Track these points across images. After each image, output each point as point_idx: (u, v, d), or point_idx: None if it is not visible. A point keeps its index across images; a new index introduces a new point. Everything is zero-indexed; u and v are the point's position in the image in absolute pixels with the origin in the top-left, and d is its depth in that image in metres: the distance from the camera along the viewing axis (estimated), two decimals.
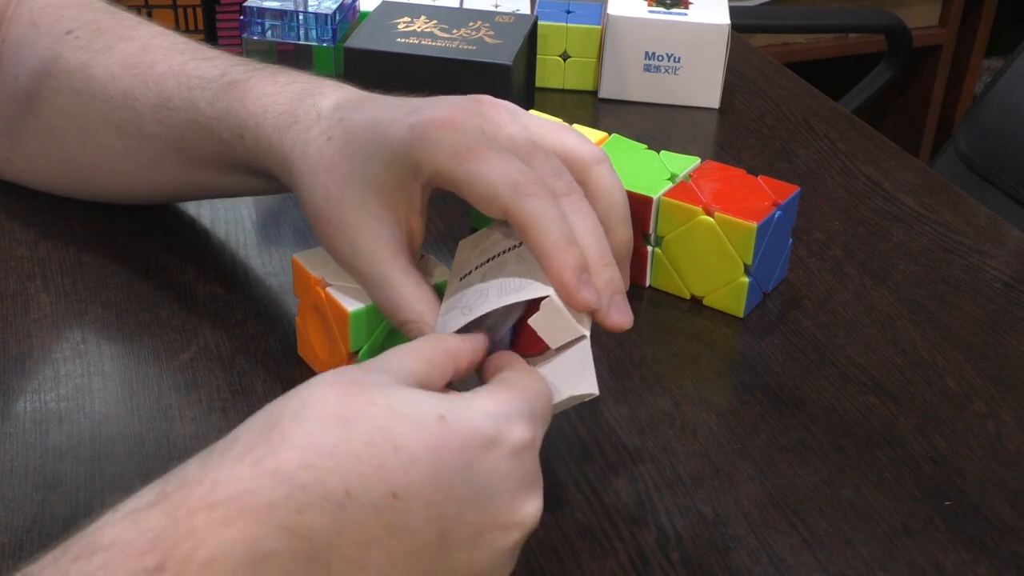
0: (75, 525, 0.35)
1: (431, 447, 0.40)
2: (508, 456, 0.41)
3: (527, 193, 0.48)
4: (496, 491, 0.41)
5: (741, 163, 0.76)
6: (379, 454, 0.39)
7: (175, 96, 0.62)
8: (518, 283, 0.50)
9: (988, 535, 0.53)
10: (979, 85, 2.20)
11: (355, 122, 0.54)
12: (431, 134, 0.50)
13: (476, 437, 0.41)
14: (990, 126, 1.17)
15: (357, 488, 0.38)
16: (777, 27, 1.79)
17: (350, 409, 0.40)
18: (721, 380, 0.62)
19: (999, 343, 0.65)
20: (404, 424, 0.40)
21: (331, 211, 0.53)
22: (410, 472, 0.39)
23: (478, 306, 0.50)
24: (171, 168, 0.65)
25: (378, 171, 0.52)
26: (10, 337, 0.62)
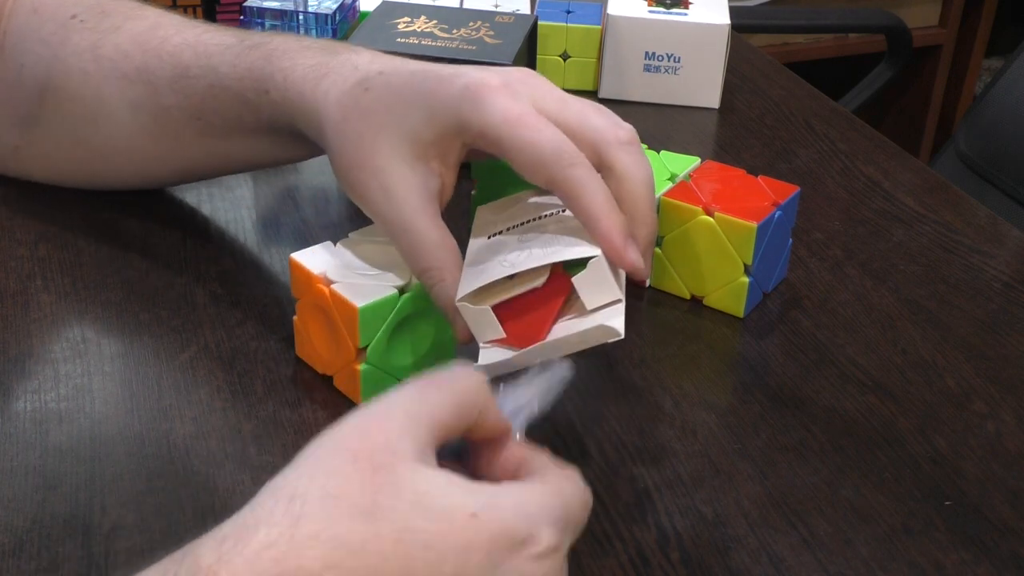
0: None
1: (460, 546, 0.38)
2: (534, 559, 0.40)
3: (573, 162, 0.51)
4: None
5: (741, 163, 0.76)
6: (407, 553, 0.37)
7: (193, 65, 0.62)
8: (564, 241, 0.52)
9: (988, 535, 0.53)
10: (979, 85, 2.20)
11: (399, 75, 0.55)
12: (484, 96, 0.52)
13: (505, 536, 0.39)
14: (990, 126, 1.17)
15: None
16: (777, 27, 1.79)
17: (377, 502, 0.37)
18: (721, 380, 0.62)
19: (999, 343, 0.65)
20: (434, 521, 0.38)
21: (364, 156, 0.54)
22: (437, 570, 0.37)
23: (523, 262, 0.51)
24: (188, 140, 0.65)
25: (420, 122, 0.53)
26: (10, 337, 0.62)
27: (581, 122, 0.53)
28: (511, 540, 0.39)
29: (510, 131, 0.51)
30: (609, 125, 0.53)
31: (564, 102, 0.54)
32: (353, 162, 0.55)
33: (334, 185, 0.79)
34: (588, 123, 0.53)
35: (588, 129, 0.53)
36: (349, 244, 0.59)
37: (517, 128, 0.51)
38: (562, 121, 0.52)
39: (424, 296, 0.57)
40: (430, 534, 0.37)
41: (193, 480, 0.53)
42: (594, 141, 0.52)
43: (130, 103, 0.65)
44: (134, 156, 0.68)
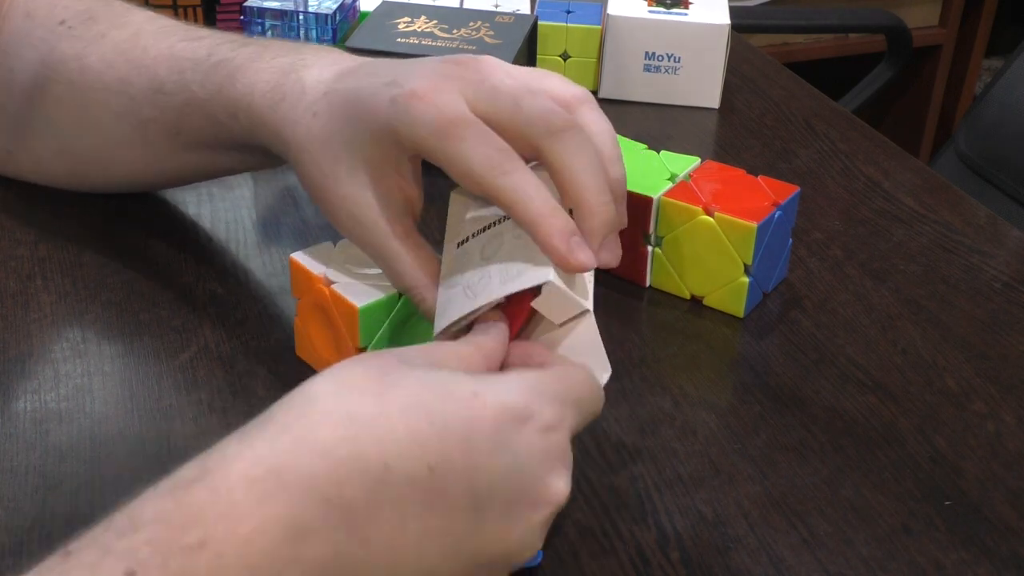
0: (76, 525, 0.36)
1: (464, 419, 0.40)
2: (539, 432, 0.42)
3: (504, 171, 0.48)
4: (526, 466, 0.42)
5: (741, 163, 0.76)
6: (415, 426, 0.39)
7: (168, 80, 0.62)
8: (518, 267, 0.50)
9: (988, 535, 0.53)
10: (979, 85, 2.20)
11: (339, 93, 0.54)
12: (411, 109, 0.50)
13: (508, 411, 0.42)
14: (990, 126, 1.17)
15: (395, 460, 0.39)
16: (777, 27, 1.79)
17: (383, 383, 0.40)
18: (721, 380, 0.62)
19: (999, 343, 0.65)
20: (437, 398, 0.41)
21: (327, 186, 0.54)
22: (445, 444, 0.40)
23: (482, 291, 0.50)
24: (170, 152, 0.65)
25: (364, 145, 0.52)
26: (10, 337, 0.62)
27: (512, 115, 0.50)
28: (513, 414, 0.42)
29: (439, 143, 0.49)
30: (540, 112, 0.49)
31: (495, 93, 0.50)
32: (319, 191, 0.54)
33: None
34: (519, 115, 0.49)
35: (519, 121, 0.49)
36: (349, 244, 0.59)
37: (445, 140, 0.49)
38: (493, 117, 0.50)
39: None
40: (434, 409, 0.40)
41: None
42: (526, 135, 0.49)
43: (113, 113, 0.65)
44: (120, 164, 0.68)
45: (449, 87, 0.50)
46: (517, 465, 0.41)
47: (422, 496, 0.39)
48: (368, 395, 0.40)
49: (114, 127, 0.66)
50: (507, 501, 0.41)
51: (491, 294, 0.49)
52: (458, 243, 0.53)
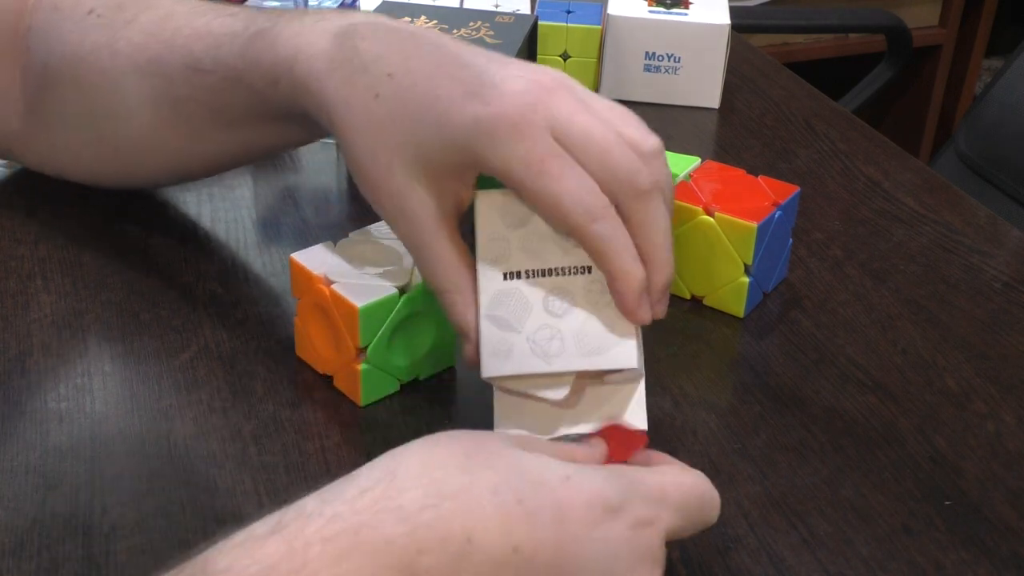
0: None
1: (555, 504, 0.39)
2: (630, 527, 0.41)
3: (597, 217, 0.48)
4: (615, 560, 0.40)
5: (741, 163, 0.76)
6: (503, 503, 0.38)
7: (204, 57, 0.61)
8: (598, 339, 0.50)
9: (988, 535, 0.53)
10: (979, 85, 2.20)
11: (407, 86, 0.51)
12: (499, 136, 0.48)
13: (601, 500, 0.40)
14: (990, 126, 1.17)
15: (479, 535, 0.38)
16: (777, 27, 1.79)
17: (474, 459, 0.39)
18: (721, 380, 0.62)
19: (999, 343, 0.65)
20: (529, 479, 0.39)
21: (378, 175, 0.52)
22: (533, 526, 0.38)
23: (557, 355, 0.50)
24: (207, 132, 0.64)
25: (434, 151, 0.50)
26: (10, 337, 0.62)
27: (600, 167, 0.49)
28: (606, 505, 0.40)
29: (531, 180, 0.48)
30: (629, 170, 0.49)
31: (585, 139, 0.49)
32: (367, 176, 0.53)
33: (334, 185, 0.79)
34: (607, 165, 0.49)
35: (607, 171, 0.49)
36: (349, 244, 0.59)
37: (539, 177, 0.48)
38: (581, 158, 0.49)
39: (424, 296, 0.57)
40: (524, 490, 0.39)
41: (193, 480, 0.53)
42: (612, 187, 0.49)
43: (148, 97, 0.64)
44: (158, 151, 0.67)
45: (538, 117, 0.49)
46: (604, 557, 0.40)
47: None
48: (456, 469, 0.39)
49: (151, 112, 0.65)
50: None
51: (569, 363, 0.50)
52: (504, 273, 0.51)
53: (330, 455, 0.55)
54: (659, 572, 0.42)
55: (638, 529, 0.41)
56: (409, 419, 0.58)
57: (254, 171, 0.79)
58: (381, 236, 0.59)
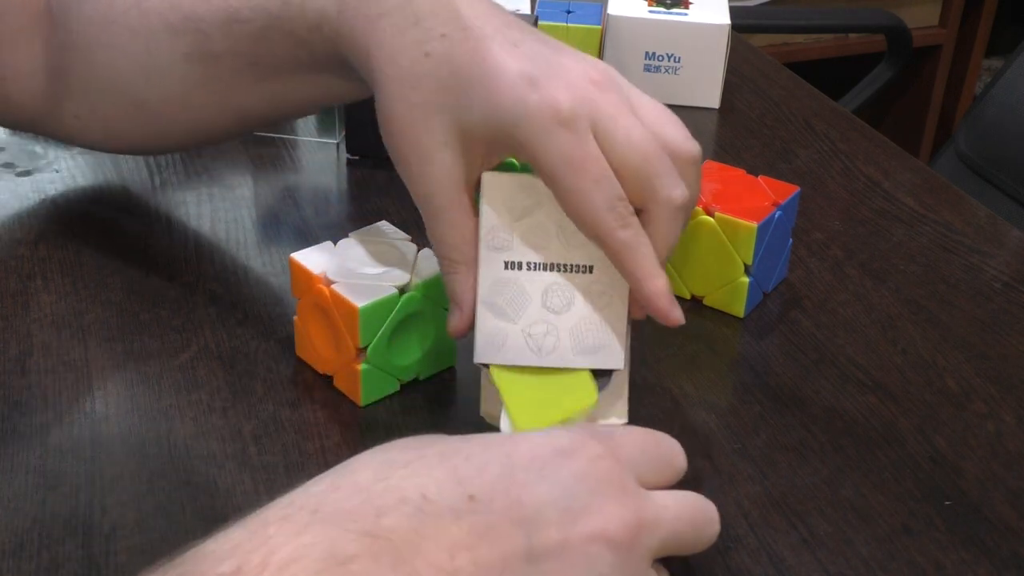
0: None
1: (501, 453, 0.41)
2: (586, 460, 0.41)
3: (624, 223, 0.49)
4: (574, 490, 0.40)
5: (741, 163, 0.76)
6: (451, 463, 0.40)
7: (243, 8, 0.60)
8: (592, 339, 0.52)
9: (988, 535, 0.53)
10: (979, 85, 2.20)
11: (462, 49, 0.51)
12: (544, 127, 0.49)
13: (549, 447, 0.41)
14: (990, 126, 1.17)
15: (433, 491, 0.39)
16: (777, 27, 1.79)
17: (421, 440, 0.42)
18: (721, 380, 0.62)
19: (999, 343, 0.65)
20: (473, 443, 0.41)
21: (411, 131, 0.52)
22: (483, 476, 0.40)
23: (551, 351, 0.52)
24: (242, 86, 0.63)
25: (475, 123, 0.51)
26: (10, 337, 0.62)
27: (639, 172, 0.50)
28: (555, 449, 0.41)
29: (568, 176, 0.49)
30: (667, 180, 0.50)
31: (628, 141, 0.50)
32: (399, 132, 0.52)
33: (334, 185, 0.79)
34: (646, 173, 0.50)
35: (643, 184, 0.50)
36: (349, 244, 0.59)
37: (576, 176, 0.49)
38: (618, 162, 0.49)
39: (424, 296, 0.57)
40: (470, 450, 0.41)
41: (193, 480, 0.53)
42: (645, 194, 0.50)
43: (181, 55, 0.64)
44: (189, 109, 0.66)
45: (585, 112, 0.49)
46: (563, 490, 0.40)
47: (468, 526, 0.38)
48: (405, 450, 0.41)
49: (183, 69, 0.64)
50: (559, 529, 0.39)
51: (562, 359, 0.52)
52: (506, 262, 0.52)
53: (330, 455, 0.55)
54: (625, 498, 0.41)
55: (596, 461, 0.41)
56: (409, 419, 0.58)
57: (254, 171, 0.79)
58: (381, 236, 0.59)
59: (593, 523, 0.40)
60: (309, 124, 0.84)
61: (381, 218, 0.61)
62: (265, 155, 0.81)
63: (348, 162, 0.80)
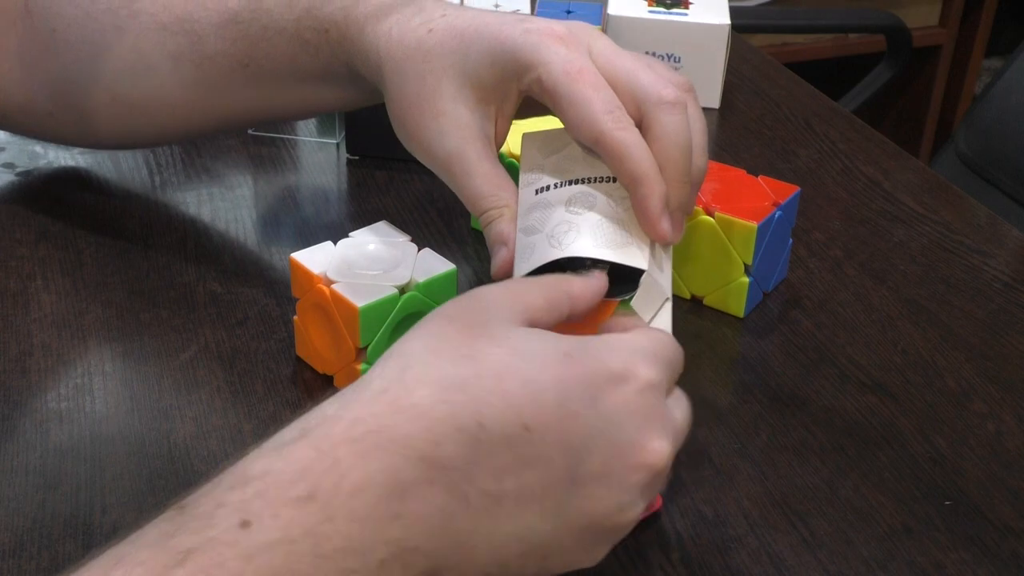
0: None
1: (557, 379, 0.41)
2: (635, 392, 0.43)
3: (623, 126, 0.51)
4: (623, 424, 0.42)
5: (741, 163, 0.76)
6: (508, 388, 0.40)
7: (242, 10, 0.62)
8: (614, 236, 0.51)
9: (988, 535, 0.53)
10: (979, 85, 2.20)
11: (462, 19, 0.55)
12: (546, 44, 0.52)
13: (602, 371, 0.42)
14: (990, 126, 1.17)
15: (489, 420, 0.40)
16: (777, 27, 1.79)
17: (475, 348, 0.41)
18: (721, 380, 0.62)
19: (999, 343, 0.65)
20: (529, 360, 0.41)
21: (425, 98, 0.55)
22: (539, 403, 0.40)
23: (569, 243, 0.50)
24: (234, 88, 0.64)
25: (481, 66, 0.54)
26: (10, 337, 0.62)
27: (629, 78, 0.52)
28: (608, 374, 0.42)
29: (568, 83, 0.51)
30: (655, 83, 0.52)
31: (617, 56, 0.53)
32: (413, 103, 0.55)
33: (334, 185, 0.79)
34: (635, 80, 0.52)
35: (635, 86, 0.52)
36: (349, 244, 0.59)
37: (575, 82, 0.51)
38: (611, 76, 0.52)
39: (424, 296, 0.57)
40: (527, 371, 0.41)
41: (193, 480, 0.53)
42: (638, 99, 0.52)
43: (171, 54, 0.64)
44: (176, 109, 0.67)
45: (580, 38, 0.53)
46: (611, 422, 0.42)
47: (518, 454, 0.40)
48: (461, 358, 0.41)
49: (172, 69, 0.65)
50: (604, 459, 0.42)
51: (582, 250, 0.50)
52: (536, 189, 0.54)
53: None
54: (669, 434, 0.43)
55: (643, 394, 0.43)
56: None
57: (254, 171, 0.79)
58: (381, 236, 0.59)
59: (636, 456, 0.42)
60: (309, 124, 0.84)
61: (381, 218, 0.61)
62: (265, 155, 0.81)
63: (348, 162, 0.80)
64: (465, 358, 0.41)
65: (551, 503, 0.41)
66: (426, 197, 0.75)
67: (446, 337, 0.42)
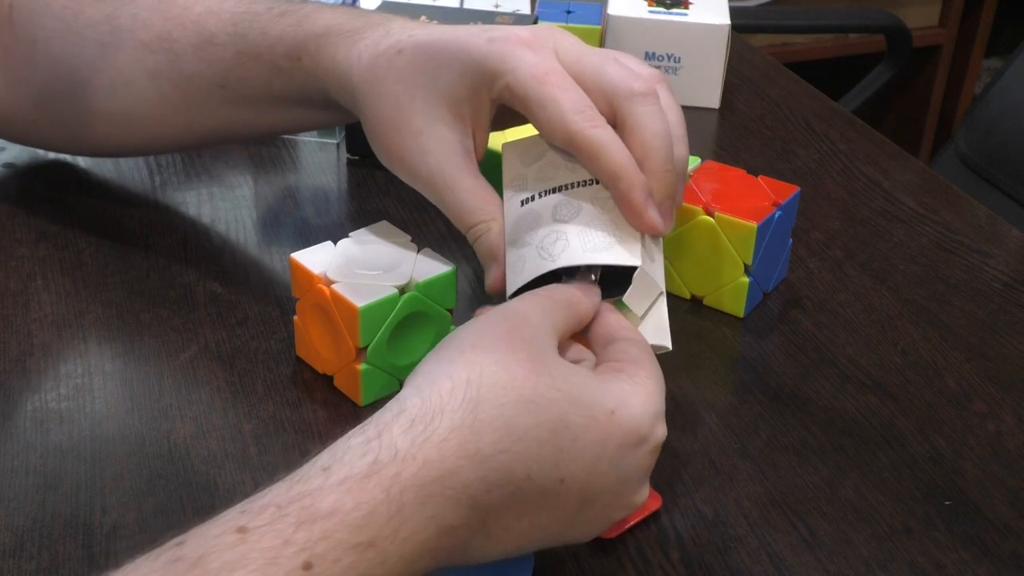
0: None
1: (598, 440, 0.44)
2: (649, 452, 0.46)
3: (594, 123, 0.51)
4: (631, 481, 0.46)
5: (741, 163, 0.76)
6: (559, 444, 0.43)
7: (219, 33, 0.62)
8: (602, 239, 0.51)
9: (988, 535, 0.53)
10: (979, 85, 2.20)
11: (429, 36, 0.56)
12: (511, 51, 0.52)
13: (635, 434, 0.45)
14: (990, 126, 1.17)
15: (536, 473, 0.43)
16: (777, 27, 1.79)
17: (537, 391, 0.43)
18: (721, 380, 0.62)
19: (999, 343, 0.65)
20: (581, 415, 0.44)
21: (401, 119, 0.55)
22: (578, 461, 0.44)
23: (559, 253, 0.51)
24: (211, 108, 0.64)
25: (452, 80, 0.54)
26: (10, 337, 0.62)
27: (597, 75, 0.52)
28: (638, 437, 0.45)
29: (537, 87, 0.52)
30: (624, 77, 0.52)
31: (583, 54, 0.53)
32: (390, 125, 0.56)
33: (334, 185, 0.79)
34: (603, 76, 0.52)
35: (603, 82, 0.52)
36: (349, 244, 0.59)
37: (543, 85, 0.51)
38: (578, 74, 0.52)
39: (424, 296, 0.57)
40: (578, 427, 0.44)
41: (193, 480, 0.53)
42: (608, 94, 0.52)
43: (149, 72, 0.64)
44: (154, 124, 0.67)
45: (544, 42, 0.53)
46: (625, 482, 0.46)
47: (544, 502, 0.43)
48: (525, 403, 0.43)
49: (150, 86, 0.65)
50: (605, 505, 0.46)
51: (572, 258, 0.51)
52: (521, 200, 0.54)
53: None
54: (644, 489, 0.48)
55: (653, 454, 0.47)
56: None
57: (254, 171, 0.79)
58: (381, 236, 0.59)
59: (631, 501, 0.47)
60: None
61: (381, 218, 0.61)
62: (265, 155, 0.81)
63: (348, 162, 0.80)
64: (529, 403, 0.43)
65: (549, 535, 0.45)
66: (419, 204, 0.75)
67: (511, 370, 0.43)
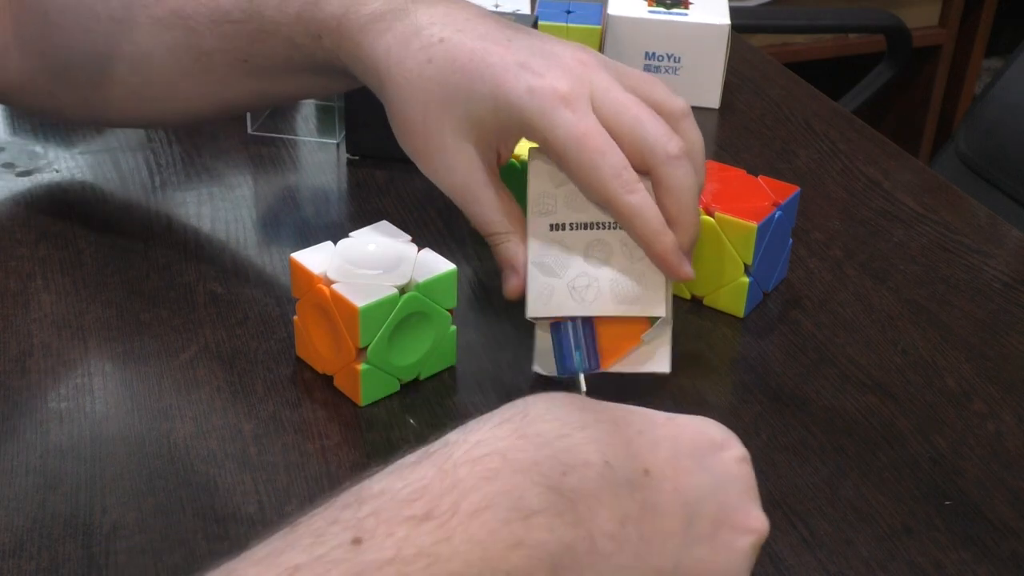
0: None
1: (668, 435, 0.43)
2: (734, 460, 0.44)
3: (630, 189, 0.54)
4: (728, 488, 0.43)
5: (741, 163, 0.76)
6: (626, 435, 0.41)
7: (234, 9, 0.62)
8: (632, 288, 0.56)
9: (988, 535, 0.53)
10: (979, 85, 2.20)
11: (460, 51, 0.56)
12: (551, 107, 0.54)
13: (705, 437, 0.44)
14: (990, 126, 1.17)
15: (613, 459, 0.40)
16: (777, 27, 1.78)
17: (588, 402, 0.43)
18: (721, 380, 0.62)
19: (999, 343, 0.65)
20: (638, 415, 0.43)
21: (429, 133, 0.56)
22: (656, 452, 0.42)
23: (593, 300, 0.56)
24: (232, 80, 0.65)
25: (485, 111, 0.55)
26: (10, 337, 0.62)
27: (633, 131, 0.54)
28: (710, 442, 0.44)
29: (575, 150, 0.53)
30: (660, 137, 0.54)
31: (620, 111, 0.54)
32: (418, 132, 0.57)
33: (334, 185, 0.79)
34: (641, 135, 0.54)
35: (641, 143, 0.54)
36: (349, 244, 0.59)
37: (582, 149, 0.53)
38: (616, 131, 0.54)
39: (424, 296, 0.57)
40: (639, 424, 0.42)
41: (193, 480, 0.53)
42: (644, 154, 0.54)
43: (167, 46, 0.64)
44: (175, 97, 0.67)
45: (583, 92, 0.54)
46: (719, 483, 0.43)
47: (640, 499, 0.40)
48: (579, 407, 0.41)
49: (169, 61, 0.65)
50: (713, 519, 0.42)
51: (604, 308, 0.56)
52: (551, 224, 0.57)
53: (330, 455, 0.55)
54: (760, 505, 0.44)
55: (740, 464, 0.44)
56: (409, 419, 0.58)
57: (254, 171, 0.79)
58: (381, 236, 0.59)
59: (743, 520, 0.43)
60: (309, 124, 0.84)
61: (381, 218, 0.61)
62: (265, 155, 0.81)
63: (348, 162, 0.80)
64: (583, 408, 0.42)
65: (666, 554, 0.40)
66: (426, 197, 0.75)
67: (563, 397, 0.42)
